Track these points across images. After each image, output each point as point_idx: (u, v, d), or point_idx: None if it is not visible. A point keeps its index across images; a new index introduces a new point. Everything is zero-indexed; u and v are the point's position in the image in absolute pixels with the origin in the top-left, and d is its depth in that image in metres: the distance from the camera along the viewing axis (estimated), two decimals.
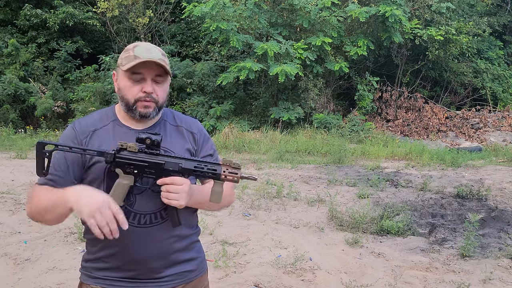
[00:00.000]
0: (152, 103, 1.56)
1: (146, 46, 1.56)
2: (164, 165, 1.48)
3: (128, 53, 1.54)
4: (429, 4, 13.50)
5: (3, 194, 5.92)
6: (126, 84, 1.55)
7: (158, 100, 1.57)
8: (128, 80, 1.55)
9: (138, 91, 1.54)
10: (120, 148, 1.47)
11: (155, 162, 1.48)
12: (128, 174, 1.48)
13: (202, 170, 1.50)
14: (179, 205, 1.48)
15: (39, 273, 3.76)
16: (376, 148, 10.24)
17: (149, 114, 1.56)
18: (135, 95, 1.54)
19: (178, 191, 1.47)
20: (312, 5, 12.22)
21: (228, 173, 1.49)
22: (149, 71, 1.53)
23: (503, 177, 7.63)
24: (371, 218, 5.21)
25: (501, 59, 16.13)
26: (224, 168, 1.49)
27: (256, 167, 8.37)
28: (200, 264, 1.72)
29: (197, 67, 13.54)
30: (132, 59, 1.52)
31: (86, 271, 1.63)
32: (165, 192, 1.47)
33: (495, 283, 3.77)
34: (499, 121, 13.06)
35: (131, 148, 1.47)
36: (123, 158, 1.47)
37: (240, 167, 1.50)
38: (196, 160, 1.51)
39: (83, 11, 14.59)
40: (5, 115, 12.93)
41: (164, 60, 1.55)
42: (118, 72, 1.60)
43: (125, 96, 1.56)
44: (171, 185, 1.47)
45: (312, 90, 12.86)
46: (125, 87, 1.56)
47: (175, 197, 1.47)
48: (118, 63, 1.59)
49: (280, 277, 3.71)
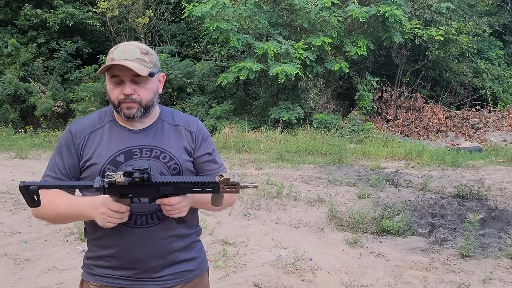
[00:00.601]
0: (135, 104, 1.55)
1: (124, 48, 1.54)
2: (160, 190, 1.45)
3: (109, 55, 1.55)
4: (429, 4, 13.50)
5: (3, 194, 5.92)
6: (109, 87, 1.58)
7: (141, 100, 1.56)
8: (110, 83, 1.56)
9: (119, 93, 1.55)
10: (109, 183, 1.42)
11: (149, 189, 1.45)
12: (123, 198, 1.46)
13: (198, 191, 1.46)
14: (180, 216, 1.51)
15: (39, 273, 3.76)
16: (376, 148, 10.23)
17: (133, 115, 1.56)
18: (117, 97, 1.55)
19: (177, 208, 1.48)
20: (312, 5, 12.22)
21: (226, 188, 1.43)
22: (124, 73, 1.52)
23: (503, 177, 7.63)
24: (371, 218, 5.21)
25: (501, 59, 16.12)
26: (222, 185, 1.42)
27: (256, 167, 8.37)
28: (200, 264, 1.73)
29: (197, 67, 13.53)
30: (110, 61, 1.52)
31: (87, 268, 1.65)
32: (164, 210, 1.49)
33: (495, 283, 3.77)
34: (499, 121, 13.05)
35: (120, 183, 1.41)
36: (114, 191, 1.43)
37: (238, 183, 1.42)
38: (192, 183, 1.45)
39: (83, 11, 14.59)
40: (5, 115, 12.93)
41: (144, 59, 1.53)
42: None
43: (110, 99, 1.59)
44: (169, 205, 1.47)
45: (312, 90, 12.85)
46: (108, 89, 1.58)
47: (175, 213, 1.49)
48: None
49: (280, 277, 3.71)
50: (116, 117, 1.64)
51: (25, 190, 1.40)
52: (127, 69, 1.50)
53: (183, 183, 1.44)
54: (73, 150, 1.58)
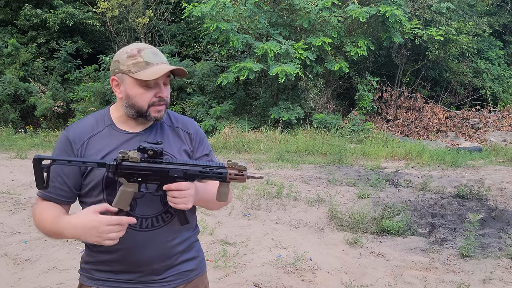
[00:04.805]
0: (164, 106, 1.57)
1: (152, 50, 1.53)
2: (169, 172, 1.47)
3: (135, 59, 1.50)
4: (429, 4, 13.51)
5: (3, 194, 5.92)
6: (138, 91, 1.52)
7: (168, 101, 1.59)
8: (140, 87, 1.51)
9: (151, 96, 1.53)
10: (122, 159, 1.44)
11: (159, 170, 1.47)
12: (132, 182, 1.46)
13: (208, 174, 1.49)
14: (186, 208, 1.49)
15: (39, 273, 3.76)
16: (376, 148, 10.23)
17: (162, 118, 1.58)
18: (149, 101, 1.53)
19: (184, 195, 1.47)
20: (312, 5, 12.23)
21: (234, 176, 1.49)
22: (162, 76, 1.52)
23: (503, 177, 7.63)
24: (371, 218, 5.21)
25: (501, 59, 16.12)
26: (230, 171, 1.48)
27: (256, 167, 8.37)
28: (200, 264, 1.73)
29: (197, 67, 13.54)
30: (144, 66, 1.49)
31: (86, 272, 1.62)
32: (171, 197, 1.47)
33: (495, 283, 3.77)
34: (499, 121, 13.05)
35: (133, 159, 1.44)
36: (126, 169, 1.44)
37: (246, 168, 1.49)
38: (201, 165, 1.49)
39: (83, 11, 14.59)
40: (5, 115, 12.94)
41: None
42: (123, 78, 1.53)
43: (137, 104, 1.53)
44: (177, 191, 1.46)
45: (312, 90, 12.85)
46: (137, 94, 1.52)
47: (181, 202, 1.47)
48: (122, 69, 1.52)
49: (280, 277, 3.71)
50: (115, 121, 1.60)
51: (39, 163, 1.40)
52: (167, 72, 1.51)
53: (193, 165, 1.48)
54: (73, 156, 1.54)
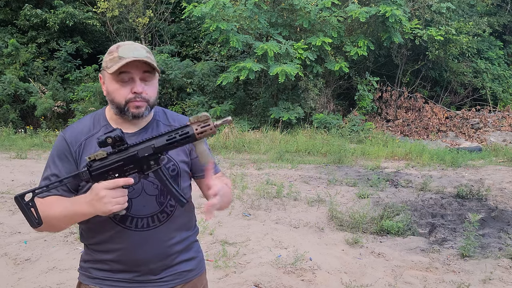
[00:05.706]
0: (144, 103, 1.53)
1: (130, 46, 1.53)
2: (138, 154, 1.43)
3: (112, 55, 1.51)
4: (429, 4, 13.51)
5: (3, 194, 5.92)
6: (115, 87, 1.52)
7: (149, 98, 1.55)
8: (116, 83, 1.52)
9: (127, 92, 1.51)
10: (90, 161, 1.42)
11: (128, 156, 1.43)
12: None
13: (175, 139, 1.42)
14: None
15: (39, 273, 3.76)
16: (376, 148, 10.23)
17: (141, 114, 1.54)
18: (126, 97, 1.52)
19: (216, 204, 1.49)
20: (312, 5, 12.23)
21: (201, 129, 1.41)
22: (136, 70, 1.50)
23: (503, 177, 7.63)
24: (371, 218, 5.21)
25: (501, 59, 16.13)
26: (195, 126, 1.41)
27: (256, 167, 8.37)
28: (199, 264, 1.73)
29: (197, 67, 13.54)
30: (117, 60, 1.49)
31: (85, 271, 1.63)
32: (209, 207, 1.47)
33: (495, 283, 3.77)
34: (499, 121, 13.05)
35: (99, 156, 1.41)
36: (98, 169, 1.42)
37: (209, 117, 1.42)
38: (165, 133, 1.44)
39: (83, 11, 14.60)
40: (5, 115, 12.94)
41: (150, 57, 1.52)
42: (104, 75, 1.56)
43: (115, 99, 1.53)
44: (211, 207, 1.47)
45: (312, 90, 12.86)
46: (114, 90, 1.52)
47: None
48: (103, 66, 1.55)
49: (280, 277, 3.71)
50: (110, 121, 1.60)
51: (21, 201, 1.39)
52: (140, 66, 1.49)
53: (158, 137, 1.43)
54: (71, 158, 1.54)
